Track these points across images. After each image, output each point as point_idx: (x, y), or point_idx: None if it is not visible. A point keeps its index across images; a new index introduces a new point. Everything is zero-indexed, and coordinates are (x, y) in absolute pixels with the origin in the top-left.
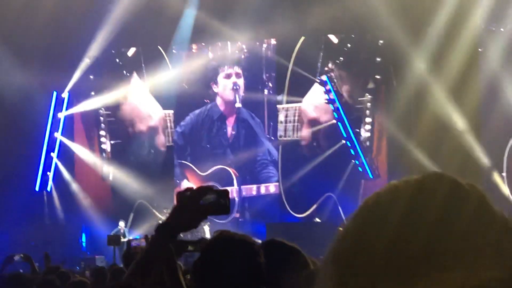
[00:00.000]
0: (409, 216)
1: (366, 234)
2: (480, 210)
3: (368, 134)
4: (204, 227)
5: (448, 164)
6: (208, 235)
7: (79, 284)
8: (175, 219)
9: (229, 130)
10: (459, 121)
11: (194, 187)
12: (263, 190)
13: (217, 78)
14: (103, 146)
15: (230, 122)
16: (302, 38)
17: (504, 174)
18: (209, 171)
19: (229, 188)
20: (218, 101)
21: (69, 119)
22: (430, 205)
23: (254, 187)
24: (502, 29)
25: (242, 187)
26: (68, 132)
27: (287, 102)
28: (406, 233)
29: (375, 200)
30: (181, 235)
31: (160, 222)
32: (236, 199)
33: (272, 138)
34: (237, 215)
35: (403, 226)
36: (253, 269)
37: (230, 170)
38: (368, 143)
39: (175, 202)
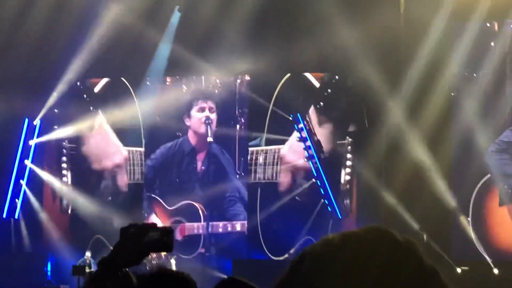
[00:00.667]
0: (341, 266)
1: (300, 282)
2: (415, 268)
3: (349, 177)
4: (171, 260)
5: (418, 206)
6: (174, 269)
7: None
8: (117, 255)
9: (199, 165)
10: (449, 197)
11: (138, 224)
12: (229, 228)
13: (191, 111)
14: (64, 178)
15: (201, 157)
16: (287, 75)
17: (469, 218)
18: (177, 205)
19: (196, 224)
20: (190, 135)
21: (40, 146)
22: (360, 255)
23: (221, 224)
24: (475, 75)
25: (210, 223)
26: (38, 159)
27: (266, 143)
28: None
29: (309, 251)
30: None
31: (103, 257)
32: (202, 235)
33: (242, 174)
34: (203, 250)
35: (334, 275)
36: None
37: (198, 205)
38: (348, 187)
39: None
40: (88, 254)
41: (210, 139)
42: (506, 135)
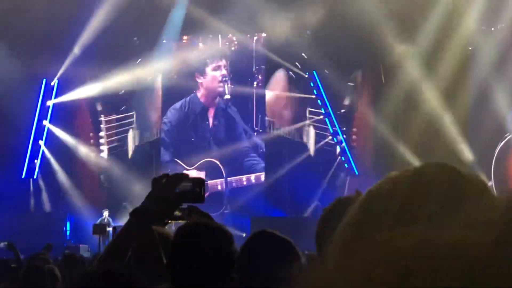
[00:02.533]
0: (411, 204)
1: (368, 222)
2: (483, 198)
3: (365, 133)
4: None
5: (435, 161)
6: None
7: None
8: (150, 205)
9: (211, 122)
10: (467, 152)
11: (170, 174)
12: (250, 179)
13: (205, 69)
14: (101, 140)
15: (211, 113)
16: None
17: (491, 183)
18: (196, 164)
19: (218, 180)
20: (199, 92)
21: (58, 107)
22: (430, 193)
23: (243, 177)
24: (492, 29)
25: (230, 178)
26: (57, 120)
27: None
28: (407, 221)
29: (377, 189)
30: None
31: (135, 207)
32: (225, 191)
33: (260, 130)
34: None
35: (404, 213)
36: (224, 257)
37: (216, 161)
38: (364, 143)
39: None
40: (105, 213)
41: (227, 96)
42: None
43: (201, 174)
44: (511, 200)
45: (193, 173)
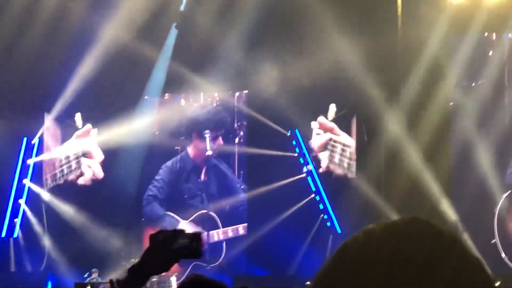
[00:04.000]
0: (384, 256)
1: (342, 273)
2: (453, 253)
3: (348, 191)
4: (172, 278)
5: None
6: (174, 286)
7: None
8: (147, 262)
9: (203, 177)
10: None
11: (167, 230)
12: (232, 233)
13: (191, 128)
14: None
15: (203, 170)
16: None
17: (495, 240)
18: (192, 217)
19: (215, 231)
20: (190, 149)
21: (38, 165)
22: (403, 247)
23: (229, 229)
24: (473, 85)
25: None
26: (38, 178)
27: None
28: (382, 274)
29: (351, 242)
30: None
31: (132, 264)
32: (224, 242)
33: (242, 187)
34: (220, 259)
35: (378, 267)
36: None
37: (211, 213)
38: (347, 201)
39: (147, 244)
40: (94, 272)
41: (209, 152)
42: None
43: (197, 228)
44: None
45: (188, 226)
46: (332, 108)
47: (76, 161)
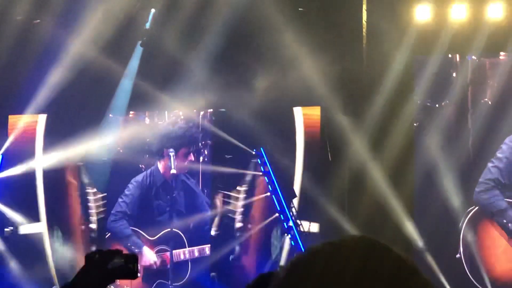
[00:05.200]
0: (326, 277)
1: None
2: (396, 271)
3: (312, 211)
4: None
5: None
6: None
7: None
8: (80, 281)
9: (173, 194)
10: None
11: (103, 250)
12: (198, 253)
13: (162, 149)
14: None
15: (172, 185)
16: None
17: (459, 255)
18: (158, 235)
19: (181, 250)
20: (160, 166)
21: (2, 182)
22: (347, 266)
23: (195, 249)
24: (437, 105)
25: (188, 249)
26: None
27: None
28: None
29: (296, 260)
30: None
31: (65, 283)
32: (189, 261)
33: (206, 204)
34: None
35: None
36: None
37: (179, 232)
38: (311, 221)
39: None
40: None
41: (173, 171)
42: (488, 172)
43: (163, 246)
44: None
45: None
46: None
47: None
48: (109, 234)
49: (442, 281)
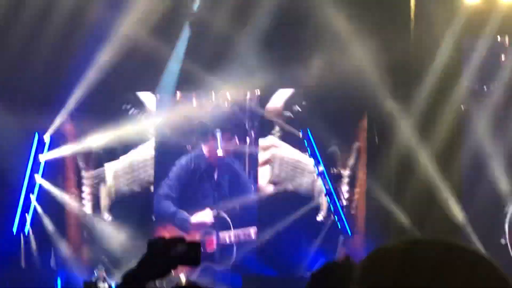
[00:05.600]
0: (402, 278)
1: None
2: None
3: (359, 194)
4: (180, 275)
5: (428, 224)
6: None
7: None
8: (143, 268)
9: (216, 177)
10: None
11: (165, 237)
12: (244, 236)
13: (207, 132)
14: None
15: (218, 169)
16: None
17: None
18: (202, 218)
19: (226, 233)
20: (204, 149)
21: (50, 162)
22: (420, 269)
23: (241, 232)
24: (485, 89)
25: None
26: (49, 175)
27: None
28: None
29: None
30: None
31: (127, 270)
32: (234, 244)
33: (252, 187)
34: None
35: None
36: None
37: (224, 215)
38: (358, 204)
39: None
40: (100, 268)
41: (220, 152)
42: None
43: (208, 229)
44: None
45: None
46: None
47: None
48: (155, 216)
49: None
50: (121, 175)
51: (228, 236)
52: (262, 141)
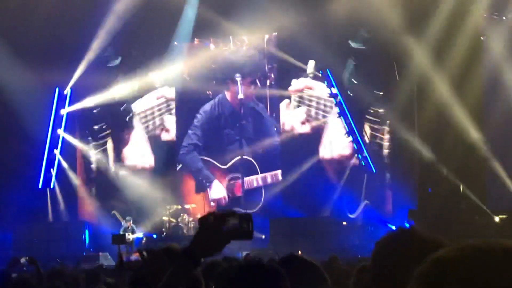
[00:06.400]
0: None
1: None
2: None
3: (382, 131)
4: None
5: (451, 156)
6: None
7: None
8: (198, 245)
9: (240, 122)
10: (479, 142)
11: (216, 212)
12: (271, 179)
13: (227, 72)
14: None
15: (241, 111)
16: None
17: None
18: (230, 163)
19: (254, 177)
20: (227, 94)
21: (72, 115)
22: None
23: (268, 175)
24: (504, 18)
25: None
26: (71, 129)
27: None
28: None
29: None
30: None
31: (183, 248)
32: (262, 187)
33: (275, 129)
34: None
35: None
36: None
37: (250, 159)
38: (382, 141)
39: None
40: (129, 220)
41: (241, 96)
42: None
43: (235, 173)
44: None
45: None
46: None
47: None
48: (181, 165)
49: (508, 185)
50: (144, 122)
51: (256, 179)
52: (295, 82)
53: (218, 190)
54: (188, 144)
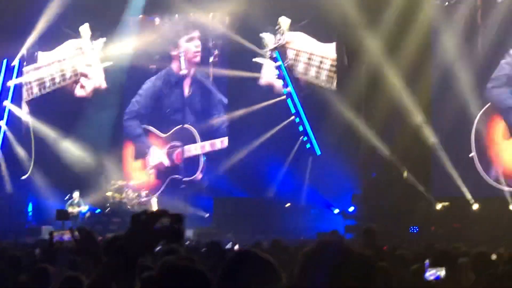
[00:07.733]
0: None
1: None
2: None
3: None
4: (152, 199)
5: (397, 143)
6: (155, 207)
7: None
8: (128, 244)
9: (186, 92)
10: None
11: (148, 211)
12: (210, 147)
13: (179, 41)
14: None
15: (187, 84)
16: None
17: (473, 154)
18: (170, 132)
19: (193, 145)
20: (174, 65)
21: (19, 87)
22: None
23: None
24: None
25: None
26: (18, 101)
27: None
28: None
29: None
30: None
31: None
32: (201, 155)
33: (224, 104)
34: (200, 175)
35: None
36: None
37: (190, 128)
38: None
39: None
40: (76, 193)
41: (184, 71)
42: (501, 68)
43: (175, 142)
44: None
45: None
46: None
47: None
48: (124, 134)
49: (456, 178)
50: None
51: (194, 148)
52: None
53: (156, 157)
54: (130, 110)
